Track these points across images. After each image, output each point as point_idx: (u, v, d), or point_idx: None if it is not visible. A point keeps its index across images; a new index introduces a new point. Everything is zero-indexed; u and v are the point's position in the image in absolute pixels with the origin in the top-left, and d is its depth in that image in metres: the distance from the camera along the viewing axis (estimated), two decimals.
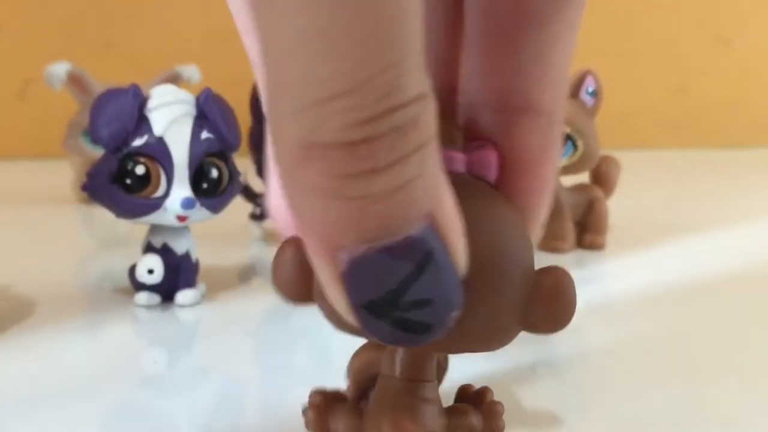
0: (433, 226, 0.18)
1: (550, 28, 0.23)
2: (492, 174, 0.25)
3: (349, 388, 0.27)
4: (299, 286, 0.24)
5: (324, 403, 0.27)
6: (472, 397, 0.27)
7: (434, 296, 0.19)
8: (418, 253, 0.18)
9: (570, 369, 0.36)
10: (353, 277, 0.18)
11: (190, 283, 0.44)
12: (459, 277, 0.20)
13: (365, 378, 0.27)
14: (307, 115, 0.16)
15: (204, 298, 0.45)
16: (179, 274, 0.43)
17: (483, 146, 0.25)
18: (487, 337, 0.24)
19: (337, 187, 0.17)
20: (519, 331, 0.24)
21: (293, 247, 0.24)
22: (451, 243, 0.19)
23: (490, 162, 0.25)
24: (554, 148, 0.24)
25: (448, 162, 0.24)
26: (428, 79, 0.17)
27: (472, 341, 0.24)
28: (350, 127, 0.16)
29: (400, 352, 0.25)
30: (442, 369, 0.28)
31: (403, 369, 0.25)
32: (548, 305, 0.24)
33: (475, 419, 0.26)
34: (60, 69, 0.66)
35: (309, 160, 0.17)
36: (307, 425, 0.28)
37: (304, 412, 0.28)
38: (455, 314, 0.20)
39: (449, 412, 0.26)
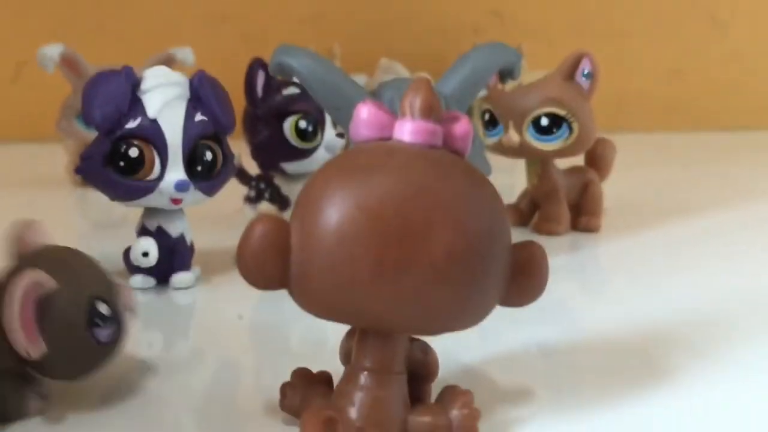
0: None
1: None
2: (468, 147, 0.25)
3: None
4: (270, 269, 0.23)
5: (300, 384, 0.27)
6: (451, 399, 0.26)
7: None
8: None
9: (563, 350, 0.36)
10: None
11: (185, 266, 0.44)
12: None
13: None
14: None
15: (199, 280, 0.45)
16: (174, 256, 0.43)
17: (457, 118, 0.25)
18: (472, 314, 0.24)
19: None
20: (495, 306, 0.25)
21: (266, 224, 0.24)
22: None
23: (467, 134, 0.25)
24: None
25: (430, 135, 0.24)
26: None
27: (457, 320, 0.24)
28: None
29: (368, 342, 0.25)
30: (431, 371, 0.28)
31: (369, 359, 0.25)
32: (524, 278, 0.25)
33: (443, 420, 0.26)
34: (53, 51, 0.65)
35: None
36: (280, 403, 0.28)
37: (281, 390, 0.28)
38: None
39: (418, 410, 0.26)
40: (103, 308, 0.28)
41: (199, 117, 0.40)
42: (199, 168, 0.40)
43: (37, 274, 0.26)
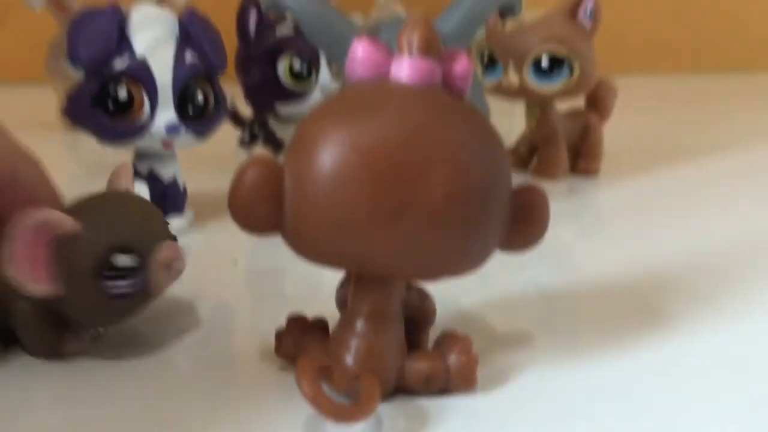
0: None
1: None
2: (468, 86, 0.24)
3: None
4: (263, 214, 0.23)
5: (295, 330, 0.27)
6: (448, 345, 0.26)
7: None
8: None
9: (561, 295, 0.36)
10: None
11: (178, 210, 0.43)
12: None
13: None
14: None
15: (192, 225, 0.44)
16: (166, 200, 0.42)
17: (457, 56, 0.24)
18: (471, 259, 0.23)
19: None
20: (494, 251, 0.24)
21: (258, 167, 0.23)
22: None
23: (467, 72, 0.24)
24: None
25: (428, 73, 0.23)
26: None
27: (456, 265, 0.23)
28: None
29: (364, 288, 0.25)
30: (429, 316, 0.28)
31: (365, 305, 0.25)
32: (524, 224, 0.24)
33: (440, 366, 0.25)
34: None
35: None
36: (275, 349, 0.27)
37: (276, 336, 0.27)
38: None
39: (415, 356, 0.26)
40: (123, 260, 0.27)
41: (189, 57, 0.39)
42: (191, 109, 0.39)
43: (52, 215, 0.26)
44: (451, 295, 0.32)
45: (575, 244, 0.44)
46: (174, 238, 0.29)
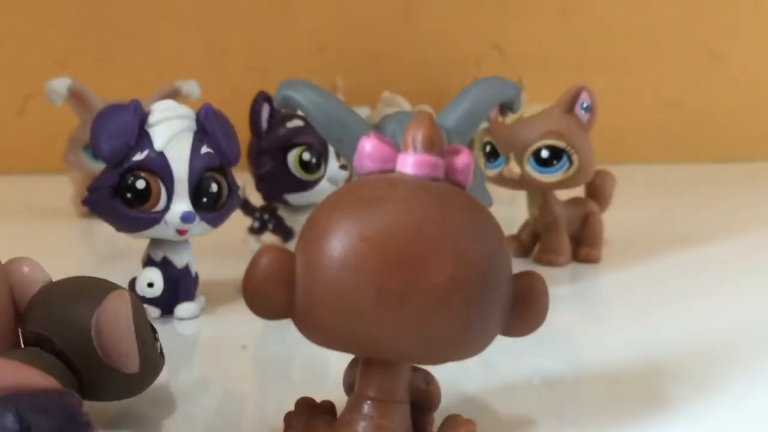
0: None
1: None
2: (469, 179, 0.26)
3: None
4: (275, 299, 0.24)
5: (304, 413, 0.28)
6: (453, 429, 0.27)
7: None
8: None
9: (564, 380, 0.36)
10: None
11: (190, 297, 0.44)
12: None
13: None
14: None
15: (203, 311, 0.45)
16: (179, 287, 0.43)
17: (458, 151, 0.25)
18: (474, 343, 0.24)
19: None
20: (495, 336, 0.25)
21: (272, 255, 0.24)
22: None
23: (468, 167, 0.25)
24: None
25: (432, 168, 0.25)
26: None
27: (459, 348, 0.24)
28: None
29: (372, 372, 0.26)
30: (434, 400, 0.28)
31: (371, 388, 0.26)
32: (524, 309, 0.25)
33: None
34: (61, 84, 0.66)
35: None
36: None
37: (285, 419, 0.28)
38: None
39: None
40: None
41: (205, 149, 0.41)
42: (205, 199, 0.41)
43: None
44: (454, 380, 0.33)
45: (577, 330, 0.45)
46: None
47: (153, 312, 0.43)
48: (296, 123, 0.53)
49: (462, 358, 0.24)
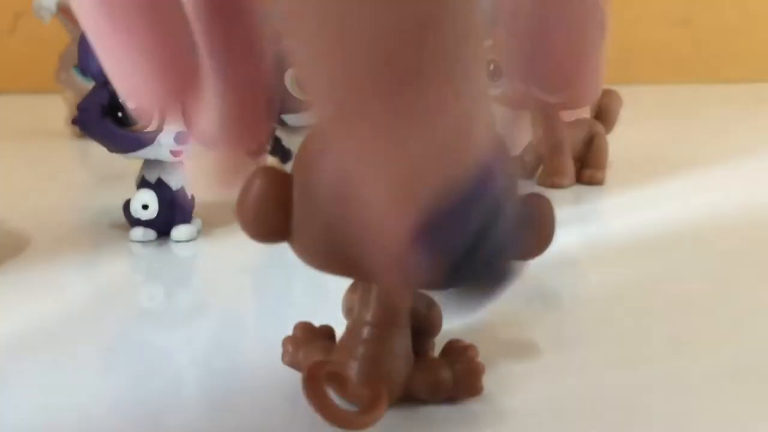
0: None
1: None
2: None
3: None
4: (271, 222, 0.23)
5: (302, 338, 0.27)
6: (454, 353, 0.26)
7: (509, 239, 0.19)
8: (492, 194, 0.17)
9: (567, 303, 0.36)
10: (436, 228, 0.17)
11: (186, 219, 0.43)
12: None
13: None
14: None
15: (200, 233, 0.44)
16: (174, 209, 0.43)
17: None
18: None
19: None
20: None
21: (265, 177, 0.23)
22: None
23: None
24: None
25: None
26: None
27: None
28: None
29: (371, 297, 0.25)
30: (435, 325, 0.27)
31: (371, 313, 0.25)
32: (531, 231, 0.24)
33: (446, 374, 0.25)
34: (49, 1, 0.64)
35: None
36: (282, 357, 0.28)
37: (283, 344, 0.28)
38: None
39: (422, 364, 0.26)
40: None
41: None
42: None
43: None
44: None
45: (580, 253, 0.44)
46: None
47: (149, 235, 0.43)
48: None
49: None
